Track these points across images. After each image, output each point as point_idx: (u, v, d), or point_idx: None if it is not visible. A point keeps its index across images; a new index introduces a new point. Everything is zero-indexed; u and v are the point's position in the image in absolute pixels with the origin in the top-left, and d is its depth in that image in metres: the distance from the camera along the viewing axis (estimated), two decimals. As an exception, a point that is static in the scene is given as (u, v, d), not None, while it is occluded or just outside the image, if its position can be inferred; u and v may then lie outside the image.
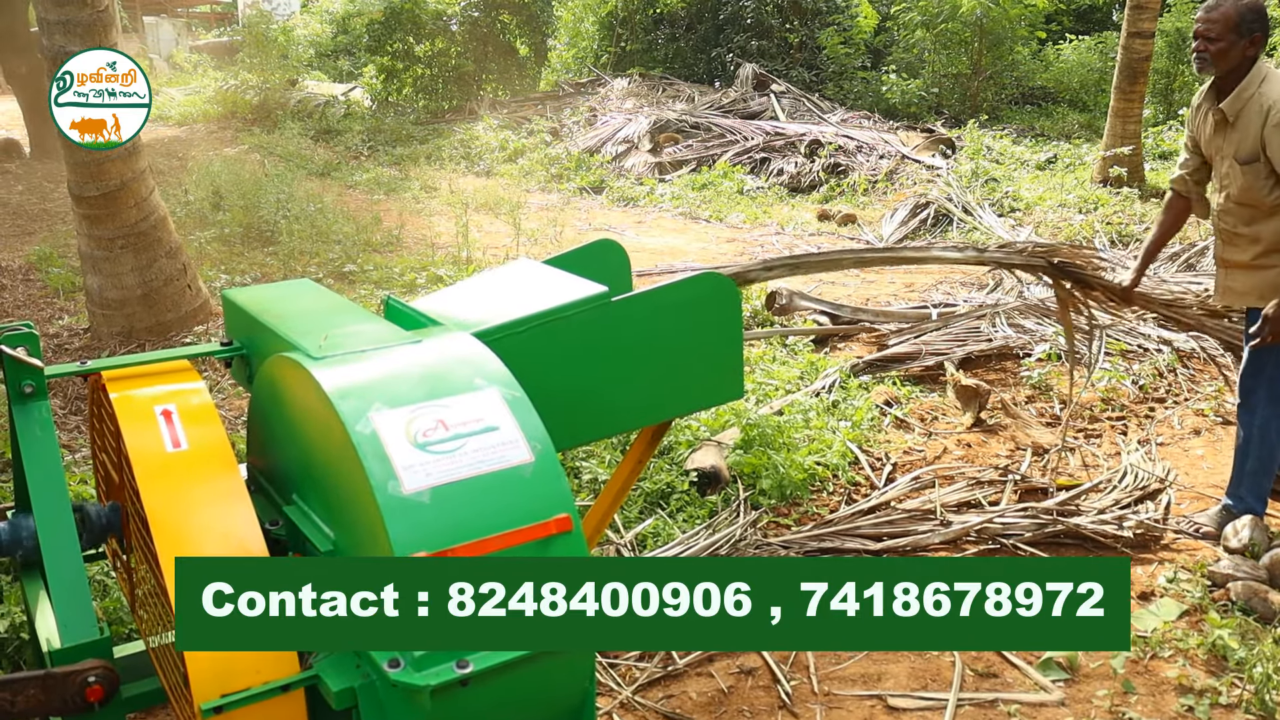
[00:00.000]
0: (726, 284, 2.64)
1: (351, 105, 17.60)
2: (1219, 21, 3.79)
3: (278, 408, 2.18)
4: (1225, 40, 3.79)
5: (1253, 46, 3.81)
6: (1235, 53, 3.81)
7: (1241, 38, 3.79)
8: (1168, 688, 3.31)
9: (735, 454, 4.71)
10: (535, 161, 13.75)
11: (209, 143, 15.03)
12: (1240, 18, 3.77)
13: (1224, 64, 3.83)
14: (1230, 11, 3.78)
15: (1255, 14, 3.78)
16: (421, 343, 2.13)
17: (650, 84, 17.39)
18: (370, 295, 7.35)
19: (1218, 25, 3.79)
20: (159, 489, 1.99)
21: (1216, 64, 3.84)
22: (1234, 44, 3.79)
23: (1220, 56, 3.82)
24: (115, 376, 2.30)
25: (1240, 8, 3.78)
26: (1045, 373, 5.98)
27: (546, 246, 9.17)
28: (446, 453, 1.84)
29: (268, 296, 2.65)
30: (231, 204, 9.64)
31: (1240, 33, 3.78)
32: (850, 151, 12.90)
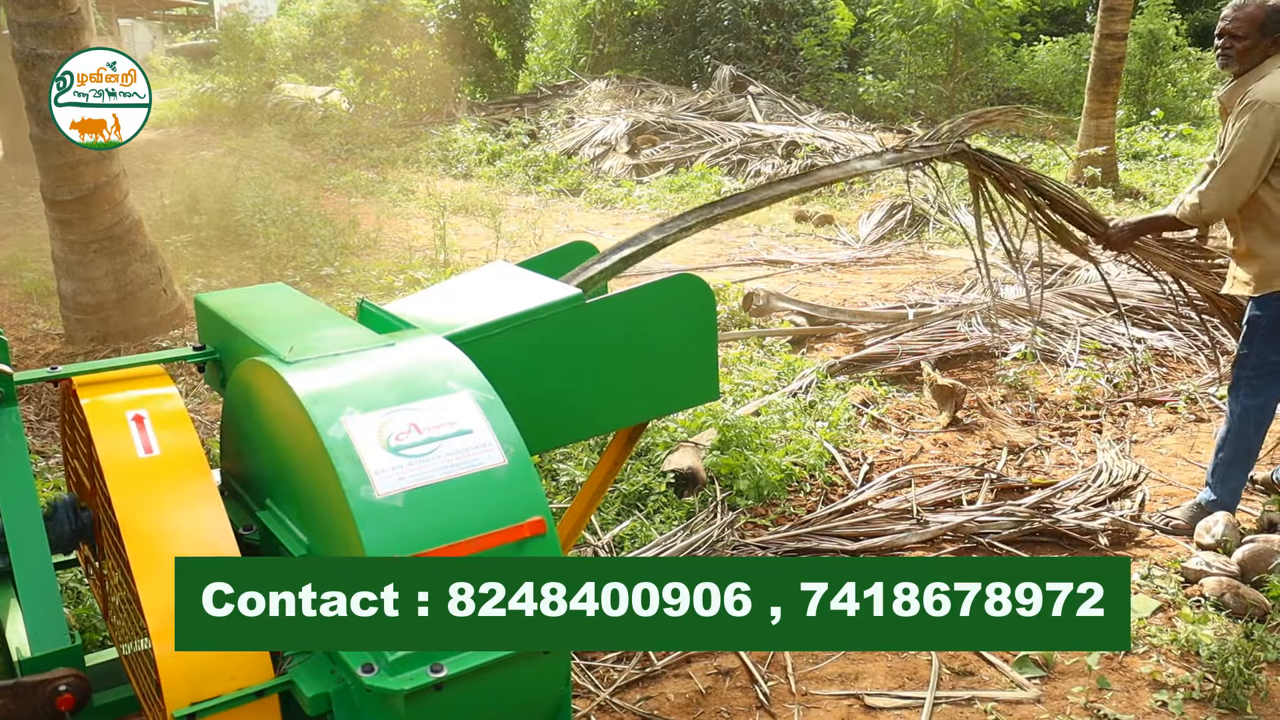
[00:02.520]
0: (700, 285, 2.64)
1: (329, 108, 17.53)
2: (1245, 20, 3.86)
3: (250, 412, 2.18)
4: (1251, 38, 3.86)
5: (1275, 46, 3.87)
6: (1259, 51, 3.87)
7: (1265, 37, 3.85)
8: (1142, 683, 3.34)
9: (712, 455, 4.72)
10: (513, 164, 13.74)
11: (185, 146, 14.94)
12: (1267, 17, 3.84)
13: (1247, 62, 3.90)
14: (1257, 11, 3.84)
15: None
16: (394, 346, 2.13)
17: (628, 86, 17.41)
18: (347, 299, 7.32)
19: (1244, 23, 3.86)
20: (131, 495, 1.98)
21: (1241, 61, 3.91)
22: (1258, 42, 3.86)
23: (1245, 54, 3.89)
24: (86, 382, 2.29)
25: (1268, 8, 3.84)
26: (1021, 372, 6.02)
27: (525, 249, 9.16)
28: (419, 456, 1.84)
29: (241, 301, 2.64)
30: (208, 207, 9.58)
31: (1265, 32, 3.85)
32: (827, 153, 12.95)
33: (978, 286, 7.72)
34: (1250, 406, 4.13)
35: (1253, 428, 4.16)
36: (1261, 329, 4.04)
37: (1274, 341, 4.06)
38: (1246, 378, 4.12)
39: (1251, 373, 4.11)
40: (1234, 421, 4.18)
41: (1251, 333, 4.09)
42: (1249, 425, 4.15)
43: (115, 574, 2.11)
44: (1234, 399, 4.19)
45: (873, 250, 9.68)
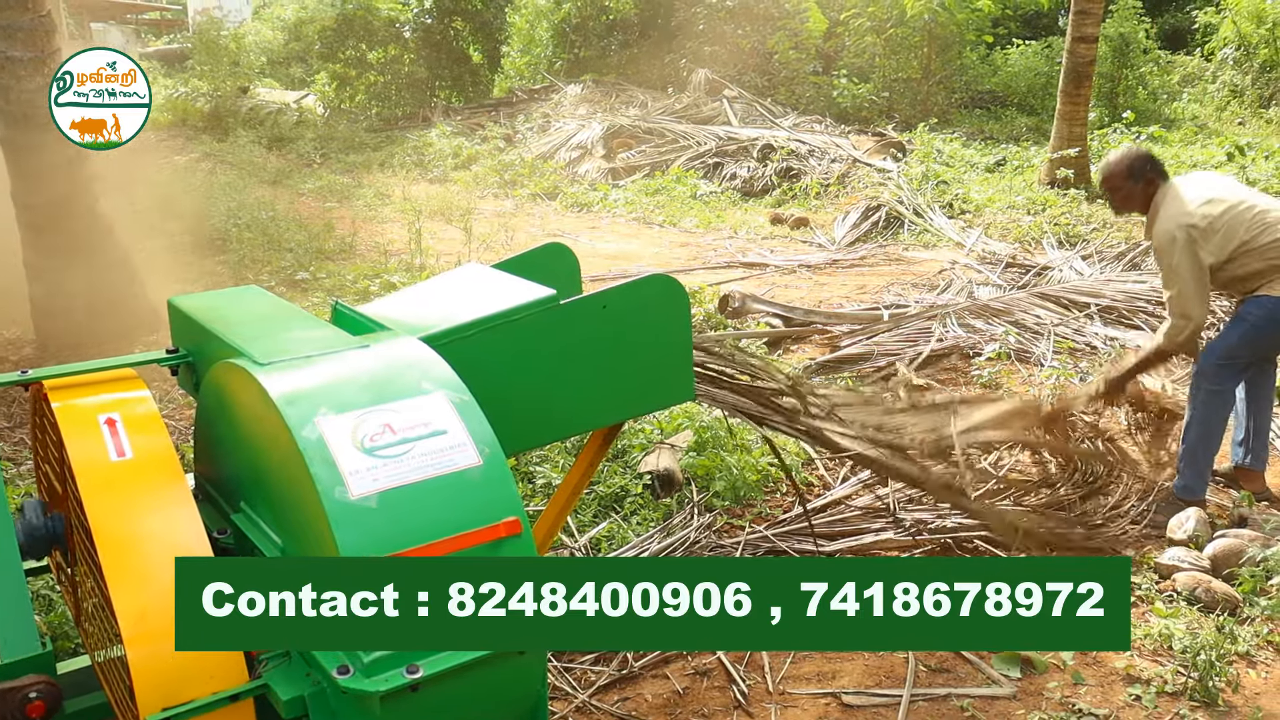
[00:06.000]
0: (674, 286, 2.65)
1: (304, 112, 17.45)
2: (1115, 174, 4.39)
3: (224, 415, 2.17)
4: (1124, 188, 4.37)
5: (1150, 185, 4.34)
6: (1138, 194, 4.36)
7: (1136, 181, 4.34)
8: (1116, 678, 3.37)
9: (689, 456, 4.72)
10: (489, 168, 13.71)
11: (159, 151, 14.82)
12: (1129, 168, 4.35)
13: (1133, 206, 4.42)
14: (1119, 165, 4.37)
15: (1142, 160, 4.35)
16: (368, 347, 2.12)
17: (604, 90, 17.41)
18: (323, 303, 7.28)
19: (1115, 177, 4.39)
20: (103, 499, 1.96)
21: (1127, 207, 4.46)
22: (1133, 189, 4.36)
23: (1126, 201, 4.42)
24: (57, 386, 2.27)
25: (1126, 162, 4.36)
26: (995, 371, 6.06)
27: (499, 252, 9.14)
28: (394, 457, 1.83)
29: (214, 303, 2.63)
30: (182, 212, 9.52)
31: (1133, 178, 4.34)
32: (802, 155, 12.99)
33: (953, 287, 7.78)
34: (1212, 392, 4.33)
35: (1215, 412, 4.36)
36: (1246, 323, 4.25)
37: (1250, 338, 4.28)
38: (1213, 364, 4.32)
39: (1218, 361, 4.32)
40: (1197, 407, 4.37)
41: (1234, 324, 4.31)
42: (1211, 411, 4.35)
43: (88, 580, 2.10)
44: (1196, 385, 4.39)
45: (848, 252, 9.72)
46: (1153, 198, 4.32)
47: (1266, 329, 4.22)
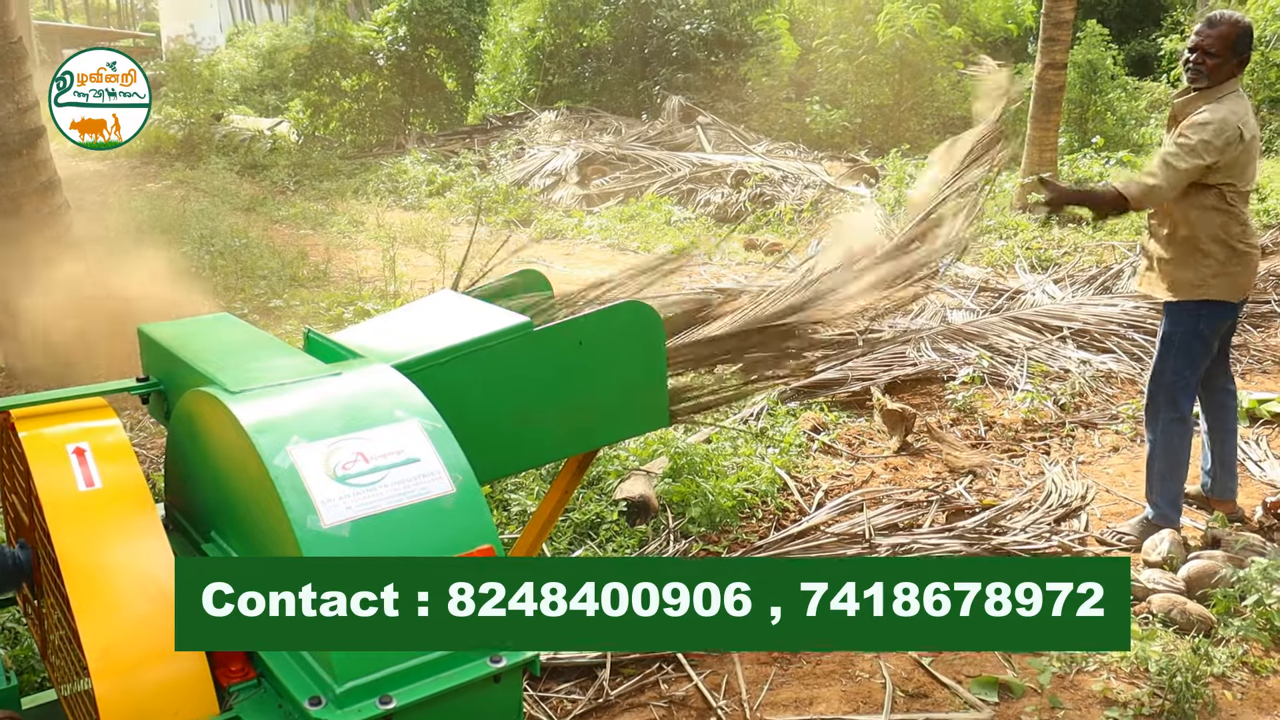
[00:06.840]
0: (649, 312, 2.65)
1: (278, 140, 17.41)
2: (1218, 38, 3.98)
3: (195, 443, 2.14)
4: (1222, 56, 3.99)
5: (1239, 67, 4.04)
6: (1225, 70, 4.01)
7: (1234, 56, 4.00)
8: (1093, 701, 3.37)
9: (664, 483, 4.72)
10: (463, 195, 13.71)
11: (132, 178, 14.76)
12: (1238, 38, 3.98)
13: (1216, 78, 4.02)
14: (1229, 31, 3.98)
15: (1250, 37, 4.01)
16: (341, 375, 2.11)
17: (578, 117, 17.47)
18: (296, 330, 7.24)
19: (1217, 41, 3.98)
20: (71, 530, 1.93)
21: (1210, 77, 4.03)
22: (1227, 60, 4.00)
23: (1214, 71, 4.01)
24: (25, 415, 2.24)
25: (1239, 29, 3.99)
26: (970, 395, 6.09)
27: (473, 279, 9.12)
28: (366, 485, 1.82)
29: (185, 331, 2.61)
30: (154, 240, 9.46)
31: (1235, 51, 3.99)
32: (776, 182, 13.06)
33: (926, 311, 7.82)
34: (1170, 420, 4.25)
35: (1176, 440, 4.27)
36: (1175, 345, 4.19)
37: (1188, 356, 4.18)
38: (1166, 391, 4.24)
39: (1169, 388, 4.23)
40: (1158, 437, 4.29)
41: (1166, 349, 4.23)
42: (1172, 439, 4.27)
43: (55, 612, 2.06)
44: (1152, 415, 4.31)
45: (822, 277, 9.74)
46: (1226, 82, 4.04)
47: (1194, 342, 4.14)
